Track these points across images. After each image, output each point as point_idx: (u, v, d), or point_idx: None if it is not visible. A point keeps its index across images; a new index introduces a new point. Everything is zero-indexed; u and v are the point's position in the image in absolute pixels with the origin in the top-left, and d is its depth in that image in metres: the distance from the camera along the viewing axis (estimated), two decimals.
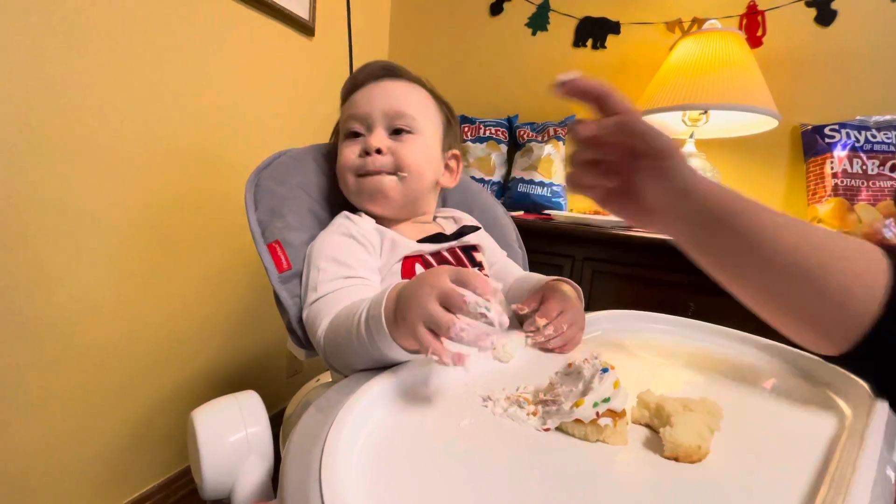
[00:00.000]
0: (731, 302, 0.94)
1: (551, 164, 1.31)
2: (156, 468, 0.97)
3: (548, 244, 1.04)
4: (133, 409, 0.90)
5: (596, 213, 1.18)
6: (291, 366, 1.35)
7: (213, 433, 0.40)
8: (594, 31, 1.38)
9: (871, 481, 0.25)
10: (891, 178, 1.09)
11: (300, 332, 0.48)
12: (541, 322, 0.44)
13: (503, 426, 0.31)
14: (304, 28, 1.19)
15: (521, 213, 1.26)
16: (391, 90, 0.54)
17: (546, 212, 1.24)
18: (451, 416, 0.32)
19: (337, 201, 0.59)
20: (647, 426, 0.32)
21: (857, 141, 1.11)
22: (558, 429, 0.30)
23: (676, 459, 0.28)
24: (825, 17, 1.16)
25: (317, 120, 1.29)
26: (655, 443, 0.30)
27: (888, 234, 1.06)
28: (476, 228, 0.62)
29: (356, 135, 0.53)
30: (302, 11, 1.17)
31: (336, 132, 0.59)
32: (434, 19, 1.57)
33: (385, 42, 1.61)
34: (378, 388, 0.32)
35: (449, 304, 0.30)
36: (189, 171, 0.94)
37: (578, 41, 1.40)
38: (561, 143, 1.33)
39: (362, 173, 0.53)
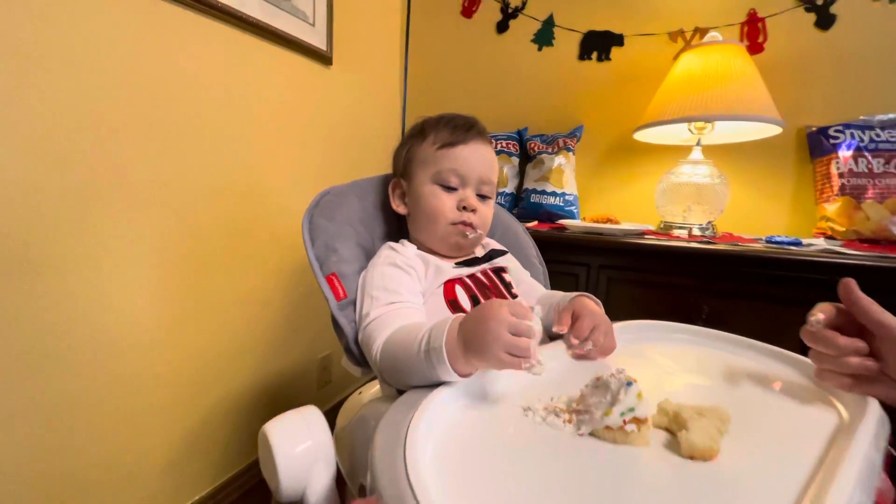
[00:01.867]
0: (741, 305, 0.98)
1: (562, 175, 1.36)
2: (203, 479, 1.04)
3: (564, 254, 1.09)
4: (180, 426, 0.97)
5: (608, 221, 1.22)
6: (321, 378, 1.41)
7: (285, 444, 0.46)
8: (598, 44, 1.43)
9: (857, 468, 0.30)
10: None
11: (356, 352, 0.55)
12: (576, 341, 0.51)
13: (544, 432, 0.37)
14: (323, 58, 1.26)
15: (535, 222, 1.31)
16: (485, 157, 0.62)
17: (559, 221, 1.28)
18: (499, 424, 0.38)
19: (377, 232, 0.67)
20: (667, 430, 0.37)
21: (862, 140, 1.15)
22: (591, 434, 0.36)
23: (692, 458, 0.33)
24: (824, 21, 1.20)
25: (335, 142, 1.36)
26: (673, 444, 0.35)
27: None
28: (503, 252, 0.68)
29: (451, 188, 0.61)
30: (321, 43, 1.24)
31: (404, 161, 0.65)
32: (444, 40, 1.63)
33: (398, 63, 1.68)
34: (438, 401, 0.38)
35: (518, 332, 0.39)
36: (224, 203, 1.01)
37: (583, 54, 1.45)
38: (571, 153, 1.38)
39: (456, 222, 0.61)
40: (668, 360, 0.55)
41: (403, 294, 0.54)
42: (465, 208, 0.60)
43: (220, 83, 0.97)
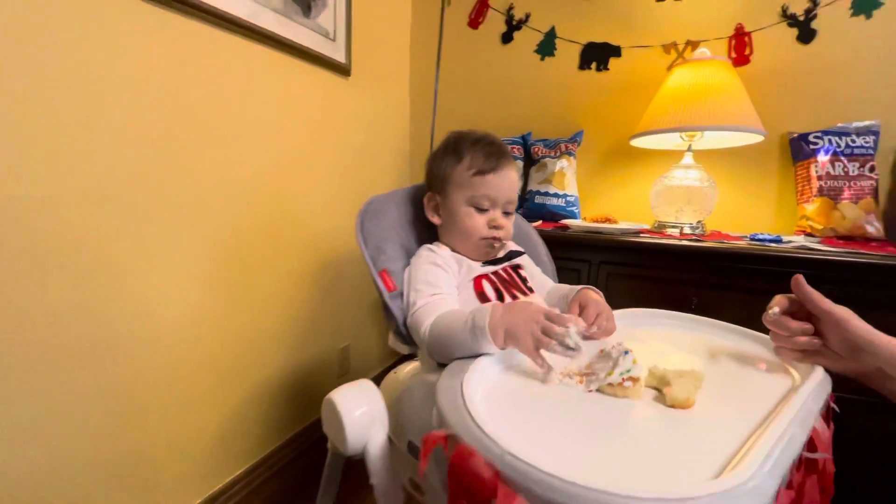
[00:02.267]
0: (726, 296, 1.09)
1: (564, 177, 1.47)
2: (244, 456, 1.15)
3: (566, 251, 1.20)
4: (222, 409, 1.08)
5: (606, 220, 1.33)
6: (341, 368, 1.52)
7: (349, 408, 0.57)
8: (597, 55, 1.53)
9: (795, 410, 0.41)
10: (870, 178, 1.22)
11: (405, 333, 0.67)
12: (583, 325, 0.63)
13: (562, 389, 0.48)
14: (343, 70, 1.36)
15: (540, 222, 1.42)
16: (512, 181, 0.73)
17: (562, 221, 1.39)
18: (527, 383, 0.50)
19: (413, 235, 0.79)
20: (655, 388, 0.48)
21: (839, 146, 1.25)
22: (597, 390, 0.47)
23: (673, 407, 0.44)
24: (806, 35, 1.30)
25: (355, 150, 1.47)
26: (660, 398, 0.46)
27: (870, 229, 1.20)
28: (521, 253, 0.80)
29: (483, 209, 0.71)
30: (341, 56, 1.34)
31: (441, 179, 0.74)
32: (452, 50, 1.73)
33: (407, 72, 1.78)
34: (482, 365, 0.50)
35: (546, 332, 0.50)
36: (256, 209, 1.11)
37: (583, 64, 1.55)
38: (572, 157, 1.49)
39: (485, 237, 0.72)
40: (657, 339, 0.66)
41: (442, 287, 0.66)
42: (494, 227, 0.71)
43: (257, 101, 1.08)
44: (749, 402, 0.46)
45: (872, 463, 0.97)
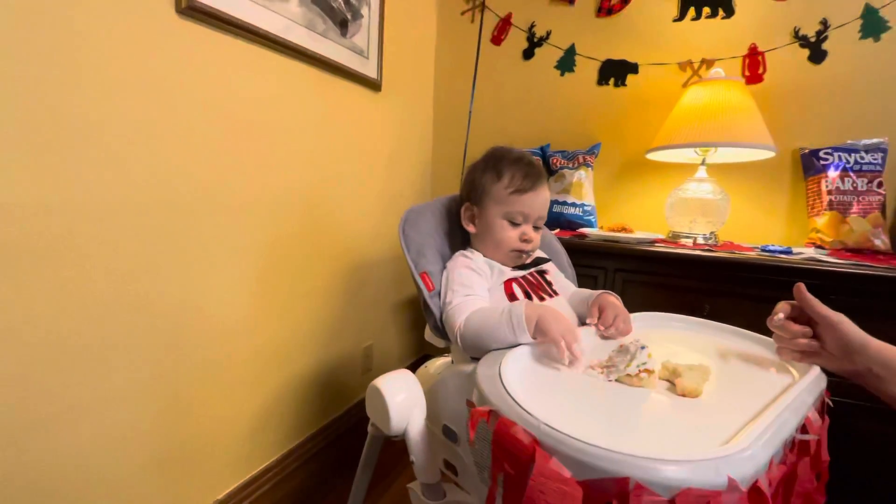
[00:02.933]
0: (737, 304, 1.15)
1: (581, 188, 1.53)
2: (277, 444, 1.23)
3: (584, 258, 1.26)
4: (258, 400, 1.16)
5: (623, 230, 1.39)
6: (364, 365, 1.60)
7: (392, 393, 0.64)
8: (615, 72, 1.60)
9: (790, 400, 0.47)
10: (878, 194, 1.27)
11: (442, 328, 0.74)
12: (602, 327, 0.71)
13: (586, 378, 0.55)
14: (375, 85, 1.45)
15: (557, 230, 1.48)
16: (545, 200, 0.81)
17: (580, 230, 1.46)
18: (555, 373, 0.57)
19: (448, 242, 0.87)
20: (668, 380, 0.55)
21: (848, 162, 1.30)
22: (617, 380, 0.54)
23: (684, 396, 0.51)
24: (817, 56, 1.36)
25: (384, 160, 1.56)
26: (672, 388, 0.53)
27: (877, 242, 1.25)
28: (547, 260, 0.88)
29: (516, 223, 0.79)
30: (373, 73, 1.43)
31: (479, 192, 0.80)
32: (475, 65, 1.81)
33: (431, 87, 1.87)
34: (516, 355, 0.58)
35: (564, 339, 0.59)
36: (294, 215, 1.19)
37: (602, 80, 1.62)
38: (590, 168, 1.56)
39: (516, 249, 0.79)
40: (670, 339, 0.73)
41: (475, 289, 0.74)
42: (524, 240, 0.79)
43: (297, 114, 1.17)
44: (751, 394, 0.52)
45: (872, 465, 1.02)
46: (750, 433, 0.40)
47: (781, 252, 1.16)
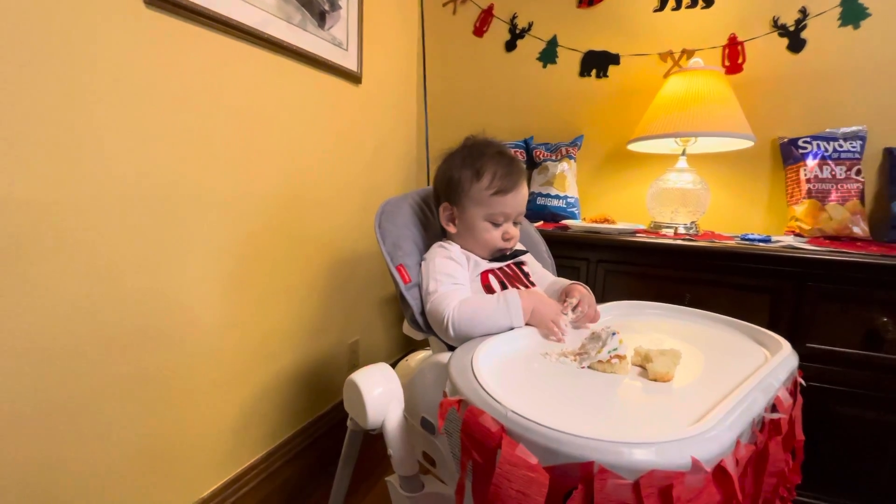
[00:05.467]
0: (717, 292, 1.16)
1: (565, 180, 1.53)
2: (262, 441, 1.22)
3: (567, 250, 1.27)
4: (240, 398, 1.14)
5: (605, 221, 1.40)
6: (350, 361, 1.59)
7: (369, 387, 0.64)
8: (597, 63, 1.60)
9: (759, 379, 0.48)
10: (856, 181, 1.29)
11: (421, 321, 0.74)
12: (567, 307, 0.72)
13: (559, 366, 0.55)
14: (354, 78, 1.44)
15: (541, 222, 1.48)
16: (524, 196, 0.80)
17: (563, 221, 1.46)
18: (528, 362, 0.56)
19: (424, 234, 0.86)
20: (640, 366, 0.55)
21: (826, 150, 1.31)
22: (589, 367, 0.54)
23: (655, 380, 0.51)
24: (796, 45, 1.37)
25: (366, 153, 1.54)
26: (644, 373, 0.53)
27: (856, 230, 1.26)
28: (524, 252, 0.87)
29: (498, 224, 0.78)
30: (353, 65, 1.41)
31: (457, 192, 0.78)
32: (458, 57, 1.80)
33: (414, 79, 1.85)
34: (490, 345, 0.57)
35: (553, 324, 0.64)
36: (273, 209, 1.18)
37: (584, 71, 1.62)
38: (573, 161, 1.56)
39: (500, 248, 0.80)
40: (644, 326, 0.73)
41: (458, 279, 0.73)
42: (507, 239, 0.79)
43: (274, 107, 1.15)
44: (722, 376, 0.53)
45: (849, 448, 1.03)
46: (716, 414, 0.40)
47: (760, 240, 1.17)
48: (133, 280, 0.87)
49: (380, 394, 0.64)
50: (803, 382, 0.58)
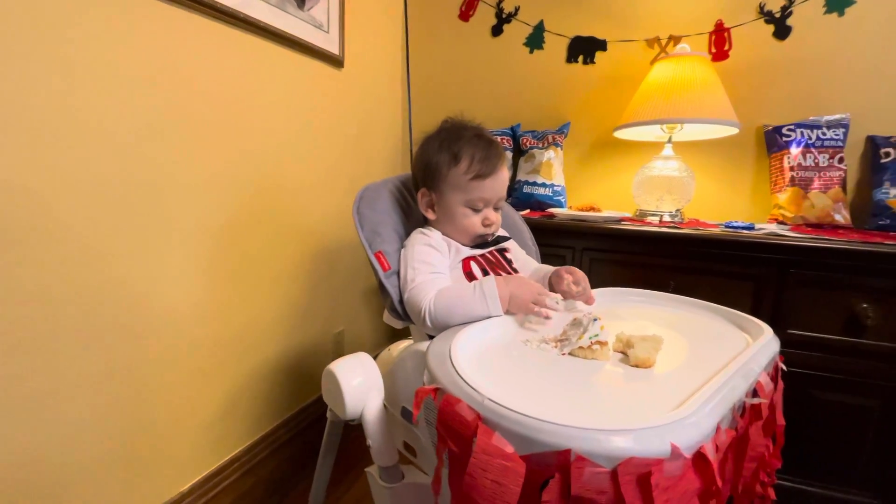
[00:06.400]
0: (701, 279, 1.16)
1: (551, 168, 1.52)
2: (243, 434, 1.20)
3: (553, 238, 1.26)
4: (220, 389, 1.12)
5: (591, 209, 1.39)
6: (335, 352, 1.57)
7: (348, 377, 0.62)
8: (584, 49, 1.58)
9: (739, 364, 0.47)
10: (839, 169, 1.29)
11: (400, 310, 0.72)
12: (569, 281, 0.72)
13: (540, 352, 0.53)
14: (336, 62, 1.40)
15: (528, 211, 1.47)
16: (504, 180, 0.78)
17: (549, 209, 1.45)
18: (509, 349, 0.55)
19: (405, 220, 0.83)
20: (622, 352, 0.54)
21: (810, 138, 1.32)
22: (570, 353, 0.53)
23: (637, 366, 0.50)
24: (781, 32, 1.36)
25: (349, 139, 1.51)
26: (625, 359, 0.52)
27: (838, 218, 1.27)
28: (507, 238, 0.86)
29: (478, 209, 0.76)
30: (334, 48, 1.37)
31: (435, 177, 0.76)
32: (444, 42, 1.76)
33: (399, 63, 1.81)
34: (469, 333, 0.55)
35: (538, 302, 0.63)
36: (254, 196, 1.14)
37: (570, 57, 1.60)
38: (559, 148, 1.54)
39: (480, 234, 0.78)
40: (628, 312, 0.72)
41: (438, 266, 0.71)
42: (487, 224, 0.77)
43: (250, 90, 1.11)
44: (704, 361, 0.52)
45: (829, 433, 1.05)
46: (696, 399, 0.39)
47: (744, 228, 1.17)
48: (105, 269, 0.83)
49: (359, 384, 0.62)
50: (784, 367, 0.58)
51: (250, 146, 1.13)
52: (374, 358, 0.82)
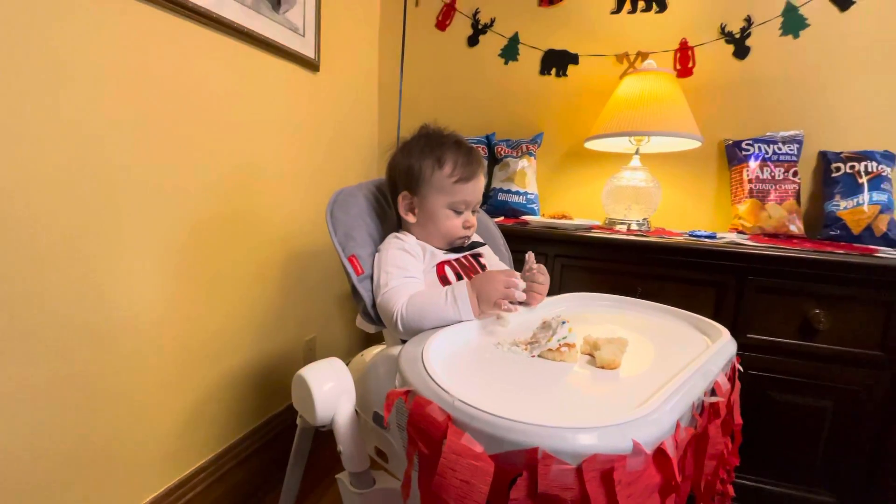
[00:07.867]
0: (666, 285, 1.20)
1: (525, 176, 1.55)
2: (209, 444, 1.16)
3: (526, 245, 1.26)
4: (186, 397, 1.08)
5: (563, 217, 1.42)
6: (307, 358, 1.55)
7: (318, 383, 0.61)
8: (557, 62, 1.62)
9: (699, 365, 0.49)
10: (794, 182, 1.37)
11: (373, 314, 0.71)
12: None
13: (510, 355, 0.55)
14: (312, 65, 1.39)
15: (502, 218, 1.49)
16: (483, 185, 0.81)
17: (522, 217, 1.47)
18: (480, 352, 0.56)
19: (380, 224, 0.84)
20: (589, 354, 0.55)
21: (767, 153, 1.39)
22: (539, 356, 0.54)
23: (603, 368, 0.52)
24: (741, 52, 1.44)
25: (324, 143, 1.50)
26: (592, 361, 0.53)
27: (792, 228, 1.34)
28: (481, 244, 0.87)
29: (459, 211, 0.78)
30: (310, 52, 1.37)
31: (417, 179, 0.77)
32: (420, 51, 1.78)
33: (375, 69, 1.82)
34: (441, 337, 0.56)
35: (508, 285, 0.63)
36: (223, 198, 1.12)
37: (544, 70, 1.64)
38: (533, 157, 1.58)
39: (461, 236, 0.80)
40: (597, 317, 0.74)
41: (411, 271, 0.72)
42: (467, 227, 0.79)
43: (223, 92, 1.09)
44: (666, 362, 0.54)
45: (785, 433, 1.10)
46: (657, 398, 0.41)
47: (706, 237, 1.22)
48: (60, 272, 0.80)
49: (330, 388, 0.62)
50: (741, 368, 0.61)
51: (222, 148, 1.11)
52: (347, 364, 0.82)
